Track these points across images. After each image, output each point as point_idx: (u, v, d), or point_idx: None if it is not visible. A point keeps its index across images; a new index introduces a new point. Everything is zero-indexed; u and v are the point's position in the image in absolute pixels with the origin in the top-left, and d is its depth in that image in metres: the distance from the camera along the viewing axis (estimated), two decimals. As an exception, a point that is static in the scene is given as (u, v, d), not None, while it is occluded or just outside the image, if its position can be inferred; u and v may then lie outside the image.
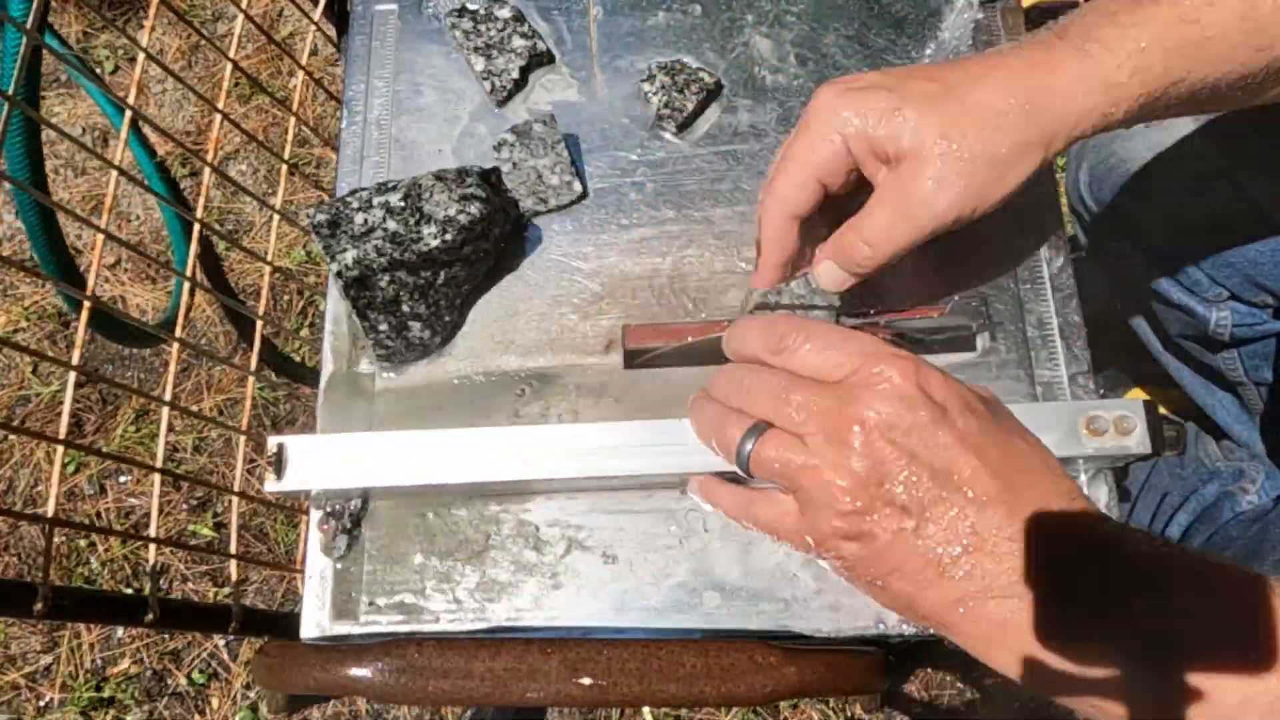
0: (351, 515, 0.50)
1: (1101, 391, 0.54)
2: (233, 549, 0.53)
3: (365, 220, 0.50)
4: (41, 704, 1.11)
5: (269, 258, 0.59)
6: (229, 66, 0.57)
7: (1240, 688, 0.32)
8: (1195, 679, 0.32)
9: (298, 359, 1.26)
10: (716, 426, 0.41)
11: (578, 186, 0.56)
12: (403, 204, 0.51)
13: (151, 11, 0.52)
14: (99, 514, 1.19)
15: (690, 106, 0.58)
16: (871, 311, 0.54)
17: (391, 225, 0.50)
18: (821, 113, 0.44)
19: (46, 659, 1.13)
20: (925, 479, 0.36)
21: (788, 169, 0.46)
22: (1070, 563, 0.35)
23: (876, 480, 0.36)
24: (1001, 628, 0.35)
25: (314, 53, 1.37)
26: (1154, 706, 0.33)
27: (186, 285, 0.54)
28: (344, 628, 0.50)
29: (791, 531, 0.40)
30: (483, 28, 0.60)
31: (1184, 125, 0.73)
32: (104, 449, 1.19)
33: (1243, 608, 0.34)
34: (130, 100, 0.50)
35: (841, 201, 0.47)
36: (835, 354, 0.39)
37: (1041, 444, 0.39)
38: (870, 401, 0.37)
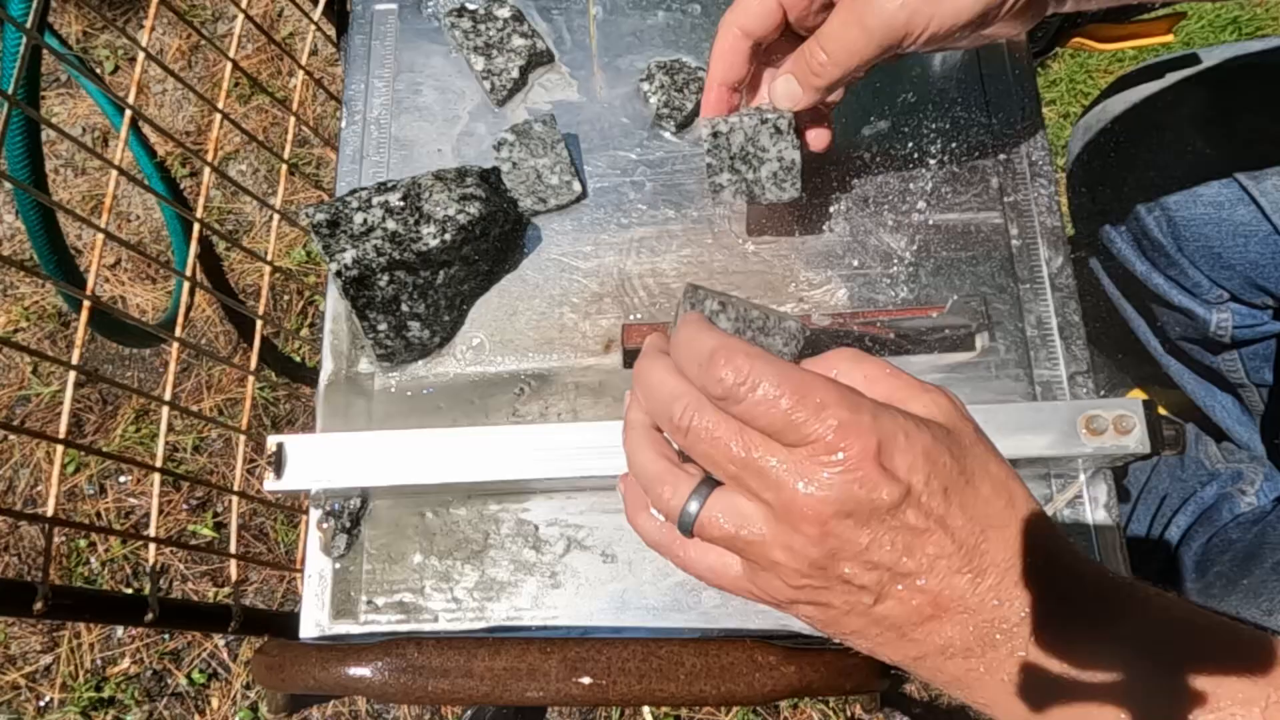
0: (350, 514, 0.50)
1: (1102, 392, 0.54)
2: (233, 549, 0.53)
3: (364, 220, 0.50)
4: (41, 704, 1.11)
5: (269, 258, 0.59)
6: (229, 66, 0.57)
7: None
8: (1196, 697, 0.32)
9: (298, 359, 1.26)
10: (655, 479, 0.37)
11: (577, 186, 0.57)
12: (402, 204, 0.51)
13: (151, 11, 0.52)
14: (99, 514, 1.19)
15: (689, 106, 0.58)
16: (872, 312, 0.54)
17: (391, 225, 0.50)
18: None
19: (46, 659, 1.13)
20: (884, 562, 0.33)
21: None
22: (1033, 621, 0.34)
23: (832, 566, 0.34)
24: (961, 681, 0.35)
25: (314, 53, 1.38)
26: None
27: (186, 285, 0.54)
28: (343, 627, 0.50)
29: (735, 586, 0.37)
30: (482, 27, 0.60)
31: (1185, 126, 0.73)
32: (104, 449, 1.19)
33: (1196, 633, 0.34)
34: (130, 100, 0.50)
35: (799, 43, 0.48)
36: (787, 411, 0.34)
37: (1006, 472, 0.36)
38: (828, 483, 0.33)
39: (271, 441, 0.47)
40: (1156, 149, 0.76)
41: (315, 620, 0.50)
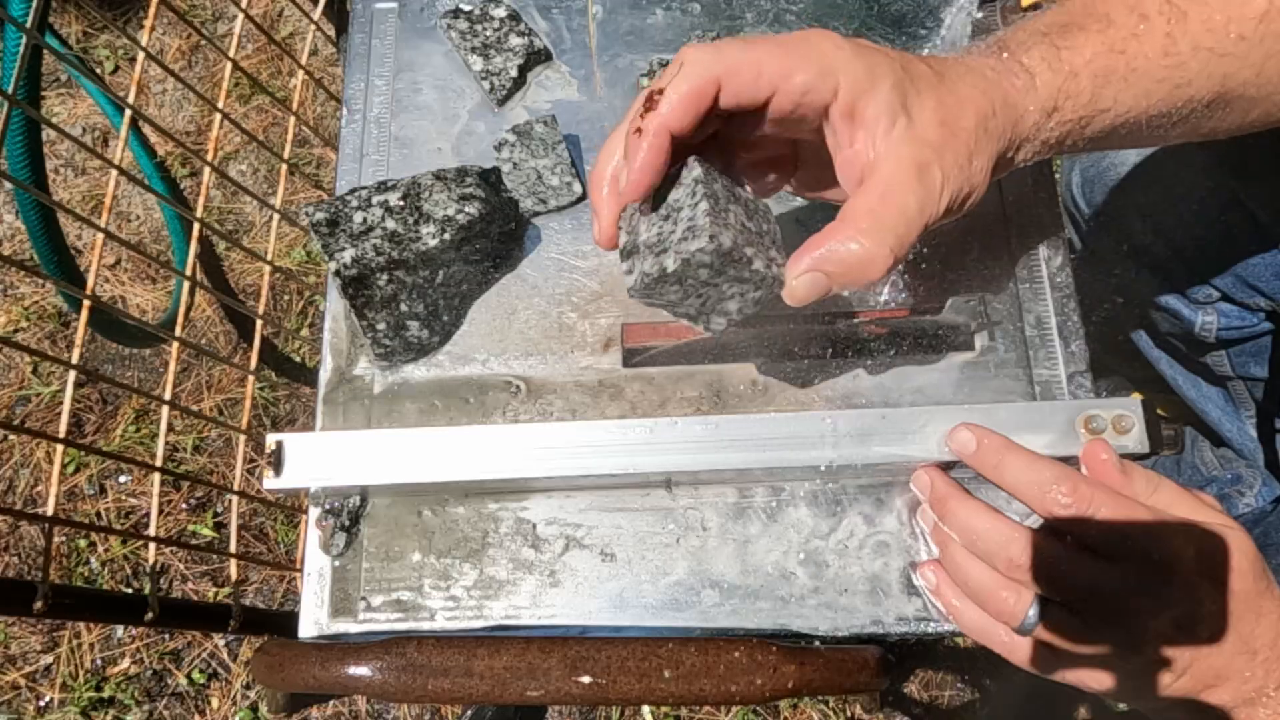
0: (350, 513, 0.51)
1: (1104, 393, 0.54)
2: (233, 549, 0.53)
3: (364, 219, 0.50)
4: (41, 704, 1.11)
5: (269, 257, 0.59)
6: (229, 66, 0.57)
7: None
8: None
9: (298, 359, 1.26)
10: (989, 593, 0.44)
11: (578, 188, 0.57)
12: (402, 203, 0.51)
13: (151, 11, 0.52)
14: (99, 514, 1.19)
15: (689, 106, 0.58)
16: (872, 312, 0.54)
17: (390, 224, 0.50)
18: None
19: (46, 659, 1.13)
20: (1205, 661, 0.41)
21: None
22: None
23: (1161, 660, 0.41)
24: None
25: (314, 53, 1.38)
26: None
27: (186, 285, 0.54)
28: (342, 625, 0.50)
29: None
30: (479, 27, 0.60)
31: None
32: (104, 449, 1.19)
33: None
34: (130, 100, 0.50)
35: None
36: (1126, 537, 0.41)
37: (1253, 565, 0.42)
38: (1158, 609, 0.40)
39: (271, 439, 0.47)
40: (1149, 153, 0.76)
41: (314, 619, 0.50)
